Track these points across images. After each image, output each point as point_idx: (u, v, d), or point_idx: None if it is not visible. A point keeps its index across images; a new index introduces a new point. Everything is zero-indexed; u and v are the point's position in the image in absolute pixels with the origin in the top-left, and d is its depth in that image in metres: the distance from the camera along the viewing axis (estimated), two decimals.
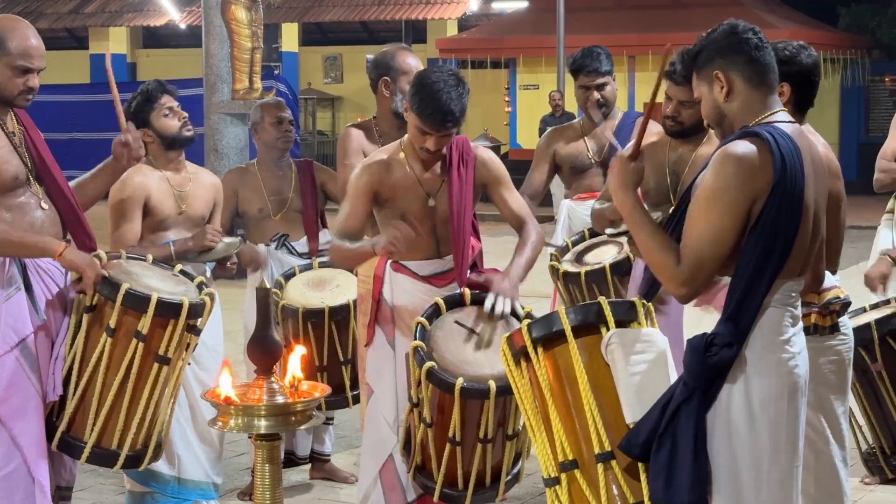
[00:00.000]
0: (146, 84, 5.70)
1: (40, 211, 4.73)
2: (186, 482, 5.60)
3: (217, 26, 13.64)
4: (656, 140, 5.41)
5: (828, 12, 25.10)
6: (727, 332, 3.47)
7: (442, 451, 4.72)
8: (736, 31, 3.62)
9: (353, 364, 6.06)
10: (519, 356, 3.89)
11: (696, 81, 3.69)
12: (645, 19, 23.16)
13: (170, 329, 4.72)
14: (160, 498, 5.56)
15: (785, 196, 3.45)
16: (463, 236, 4.95)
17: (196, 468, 5.63)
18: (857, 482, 6.38)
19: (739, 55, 3.59)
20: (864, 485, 6.31)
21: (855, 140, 25.10)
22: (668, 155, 5.35)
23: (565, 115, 18.90)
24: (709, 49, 3.64)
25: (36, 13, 30.39)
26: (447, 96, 4.72)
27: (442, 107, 4.71)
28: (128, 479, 5.59)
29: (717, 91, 3.62)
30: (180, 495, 5.59)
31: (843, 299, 4.57)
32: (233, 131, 13.41)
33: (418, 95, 4.76)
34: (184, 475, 5.59)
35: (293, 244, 6.52)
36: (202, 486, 5.67)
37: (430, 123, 4.76)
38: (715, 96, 3.63)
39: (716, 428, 3.49)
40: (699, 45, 3.68)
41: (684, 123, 5.20)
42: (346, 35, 30.82)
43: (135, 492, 5.62)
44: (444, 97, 4.72)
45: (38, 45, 4.68)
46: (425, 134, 4.80)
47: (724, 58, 3.60)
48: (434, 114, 4.73)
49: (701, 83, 3.67)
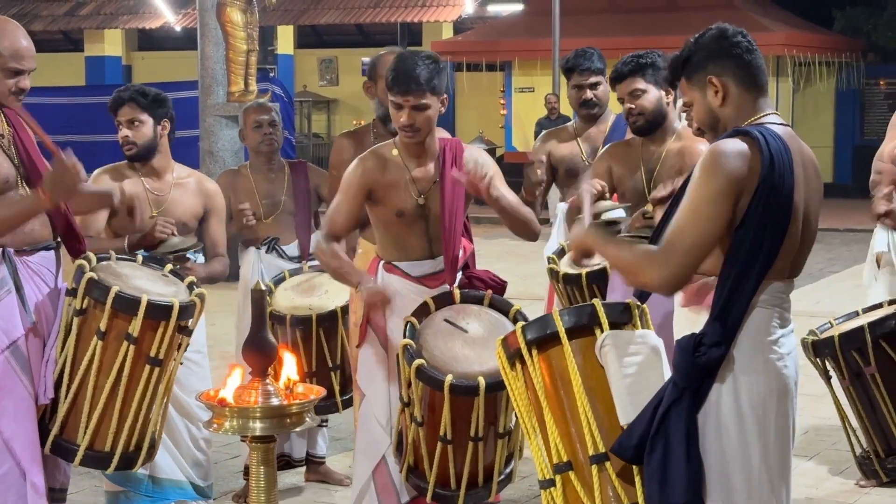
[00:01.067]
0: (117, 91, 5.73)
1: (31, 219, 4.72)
2: (161, 481, 5.55)
3: (212, 29, 13.62)
4: (628, 141, 5.60)
5: (823, 15, 25.12)
6: (715, 331, 3.46)
7: (433, 451, 4.72)
8: (726, 36, 3.62)
9: (342, 370, 6.07)
10: (514, 358, 3.89)
11: (687, 87, 3.68)
12: (640, 23, 23.18)
13: (161, 331, 4.70)
14: (134, 497, 5.51)
15: (772, 194, 3.43)
16: (454, 237, 4.96)
17: (171, 467, 5.58)
18: (853, 485, 6.40)
19: (731, 59, 3.59)
20: (860, 487, 6.32)
21: (850, 143, 25.10)
22: (640, 154, 5.48)
23: (561, 118, 18.89)
24: (699, 54, 3.63)
25: (31, 15, 30.36)
26: (412, 62, 4.83)
27: (407, 70, 4.80)
28: (105, 479, 5.56)
29: (711, 96, 3.61)
30: (156, 494, 5.54)
31: None
32: (228, 134, 13.38)
33: (390, 68, 4.87)
34: (157, 474, 5.54)
35: (284, 248, 6.52)
36: (181, 484, 5.62)
37: (396, 88, 4.81)
38: (709, 101, 3.63)
39: (706, 428, 3.49)
40: (688, 50, 3.66)
41: (644, 113, 5.37)
42: (342, 38, 30.81)
43: (110, 491, 5.57)
44: (409, 63, 4.82)
45: (28, 46, 4.68)
46: (399, 109, 4.84)
47: (716, 63, 3.60)
48: (398, 76, 4.80)
49: (692, 89, 3.66)
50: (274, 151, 6.59)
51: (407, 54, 4.93)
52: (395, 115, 4.88)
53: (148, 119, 5.57)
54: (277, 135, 6.59)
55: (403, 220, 4.96)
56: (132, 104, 5.57)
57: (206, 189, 5.79)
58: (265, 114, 6.56)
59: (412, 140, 4.91)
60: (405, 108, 4.83)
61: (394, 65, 4.85)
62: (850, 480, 6.48)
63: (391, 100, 4.86)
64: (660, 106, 5.37)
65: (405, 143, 4.95)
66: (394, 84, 4.82)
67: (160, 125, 5.59)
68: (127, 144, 5.60)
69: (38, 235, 4.78)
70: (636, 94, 5.36)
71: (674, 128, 5.44)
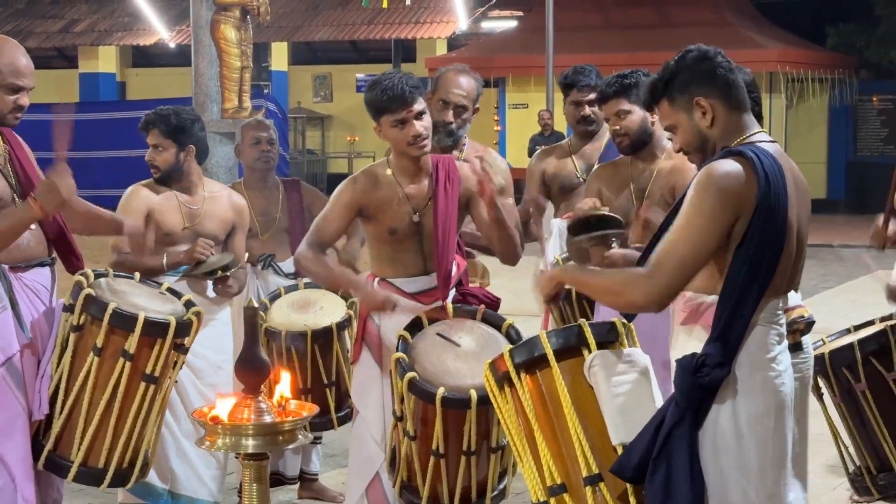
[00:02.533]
0: (193, 110, 5.89)
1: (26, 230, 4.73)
2: (181, 497, 5.60)
3: (206, 45, 13.64)
4: (615, 162, 5.60)
5: (816, 32, 25.16)
6: (717, 351, 3.46)
7: (426, 465, 4.72)
8: (708, 57, 3.63)
9: (337, 386, 6.08)
10: (502, 381, 3.87)
11: (670, 109, 3.68)
12: (634, 39, 23.22)
13: (157, 348, 4.71)
14: None
15: (769, 214, 3.46)
16: (447, 253, 4.97)
17: (193, 483, 5.62)
18: (847, 500, 6.40)
19: (716, 80, 3.61)
20: (854, 502, 6.33)
21: (843, 159, 25.12)
22: (630, 174, 5.47)
23: (554, 135, 18.93)
24: (682, 76, 3.64)
25: (25, 32, 30.37)
26: (396, 76, 4.89)
27: (398, 83, 4.84)
28: (122, 492, 5.56)
29: (698, 117, 3.62)
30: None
31: (807, 318, 4.59)
32: (222, 150, 13.38)
33: (373, 98, 4.89)
34: (178, 489, 5.58)
35: (279, 264, 6.54)
36: (198, 502, 5.66)
37: (397, 103, 4.83)
38: (697, 122, 3.63)
39: (704, 447, 3.50)
40: (669, 73, 3.66)
41: (629, 133, 5.37)
42: (336, 54, 30.86)
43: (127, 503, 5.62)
44: (394, 78, 4.88)
45: (27, 63, 4.71)
46: (404, 123, 4.85)
47: (700, 84, 3.61)
48: (392, 89, 4.82)
49: (676, 111, 3.66)
50: (270, 169, 6.62)
51: (381, 76, 4.95)
52: (400, 135, 4.88)
53: (171, 145, 5.70)
54: (274, 152, 6.63)
55: (396, 236, 4.98)
56: (155, 130, 5.69)
57: (236, 204, 5.93)
58: (263, 131, 6.59)
59: (423, 152, 4.93)
60: (410, 121, 4.85)
61: (383, 85, 4.86)
62: (843, 497, 6.48)
63: (392, 119, 4.85)
64: (644, 126, 5.37)
65: (406, 161, 4.96)
66: (396, 100, 4.83)
67: (184, 151, 5.67)
68: (152, 167, 5.75)
69: (33, 252, 4.79)
70: (621, 115, 5.36)
71: (662, 146, 5.44)
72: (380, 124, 4.92)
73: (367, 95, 4.93)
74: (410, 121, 4.85)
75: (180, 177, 5.73)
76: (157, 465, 5.47)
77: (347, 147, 29.54)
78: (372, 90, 4.90)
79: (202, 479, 5.65)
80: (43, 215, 4.64)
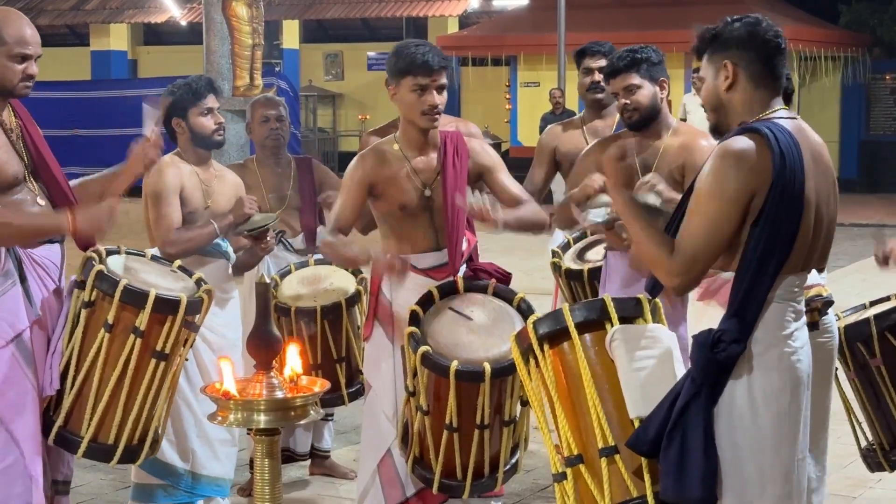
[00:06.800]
0: (196, 78, 5.77)
1: (37, 207, 4.72)
2: (201, 477, 5.59)
3: (218, 23, 13.64)
4: (617, 135, 5.59)
5: (828, 10, 25.09)
6: (734, 327, 3.47)
7: (439, 440, 4.72)
8: (759, 28, 3.61)
9: (347, 362, 6.07)
10: (527, 353, 3.89)
11: (705, 62, 3.69)
12: (646, 17, 23.15)
13: (168, 325, 4.71)
14: (173, 492, 5.55)
15: (785, 191, 3.44)
16: (458, 228, 4.97)
17: (212, 463, 5.62)
18: (857, 478, 6.39)
19: (753, 52, 3.60)
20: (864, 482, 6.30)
21: (856, 138, 25.06)
22: (634, 148, 5.42)
23: (566, 113, 18.88)
24: (727, 36, 3.63)
25: (36, 10, 30.39)
26: (429, 45, 4.93)
27: (431, 50, 4.87)
28: (136, 471, 5.56)
29: (721, 79, 3.63)
30: (195, 490, 5.58)
31: (826, 297, 4.57)
32: (233, 128, 13.38)
33: (400, 56, 4.89)
34: (198, 470, 5.58)
35: (290, 241, 6.53)
36: (218, 481, 5.66)
37: (424, 68, 4.83)
38: (717, 84, 3.64)
39: (719, 422, 3.50)
40: (718, 28, 3.66)
41: (640, 108, 5.31)
42: (347, 32, 30.80)
43: (144, 484, 5.57)
44: (427, 45, 4.92)
45: (33, 33, 4.69)
46: (424, 90, 4.84)
47: (738, 49, 3.60)
48: (424, 55, 4.84)
49: (709, 66, 3.67)
50: (280, 146, 6.60)
51: (406, 42, 4.97)
52: (417, 102, 4.87)
53: None
54: (284, 130, 6.60)
55: (407, 212, 4.97)
56: (213, 96, 5.79)
57: (236, 181, 5.94)
58: (273, 108, 6.57)
59: (432, 125, 4.91)
60: (431, 90, 4.84)
61: (409, 51, 4.86)
62: (854, 474, 6.47)
63: (414, 84, 4.85)
64: (654, 101, 5.33)
65: (413, 132, 4.95)
66: (423, 65, 4.83)
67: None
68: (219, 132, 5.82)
69: None
70: (631, 89, 5.32)
71: (668, 122, 5.40)
72: (399, 85, 4.90)
73: (394, 55, 4.92)
74: (431, 90, 4.84)
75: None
76: (178, 445, 5.48)
77: (359, 125, 29.49)
78: (402, 50, 4.90)
79: (219, 457, 5.66)
80: (73, 235, 4.65)
